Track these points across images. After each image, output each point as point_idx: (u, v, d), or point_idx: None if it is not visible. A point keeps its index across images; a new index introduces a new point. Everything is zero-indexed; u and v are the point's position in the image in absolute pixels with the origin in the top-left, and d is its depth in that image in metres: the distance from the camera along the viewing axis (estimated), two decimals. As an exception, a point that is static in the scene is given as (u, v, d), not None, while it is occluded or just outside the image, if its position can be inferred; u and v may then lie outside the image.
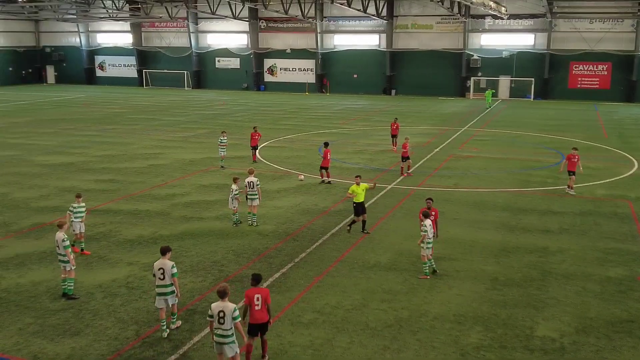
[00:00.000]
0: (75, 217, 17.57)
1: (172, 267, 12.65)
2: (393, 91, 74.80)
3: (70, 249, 14.58)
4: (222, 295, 10.75)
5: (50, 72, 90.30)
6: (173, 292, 12.73)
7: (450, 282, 15.77)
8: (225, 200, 22.17)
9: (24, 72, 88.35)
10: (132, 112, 54.87)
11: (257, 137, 31.84)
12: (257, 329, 11.41)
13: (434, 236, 16.29)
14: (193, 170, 29.55)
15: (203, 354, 12.08)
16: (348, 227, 19.98)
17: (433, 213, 16.58)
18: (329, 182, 26.73)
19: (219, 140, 30.10)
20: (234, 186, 20.52)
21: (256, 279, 11.55)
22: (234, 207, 20.53)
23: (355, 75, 76.13)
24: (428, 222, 15.75)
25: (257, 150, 32.63)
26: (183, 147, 36.39)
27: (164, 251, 12.92)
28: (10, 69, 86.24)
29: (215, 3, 68.50)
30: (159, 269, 12.65)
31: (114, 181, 27.12)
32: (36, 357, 11.93)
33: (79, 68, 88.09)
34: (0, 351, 12.16)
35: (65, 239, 14.44)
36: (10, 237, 19.27)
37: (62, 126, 44.96)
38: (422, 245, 15.87)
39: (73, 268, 14.66)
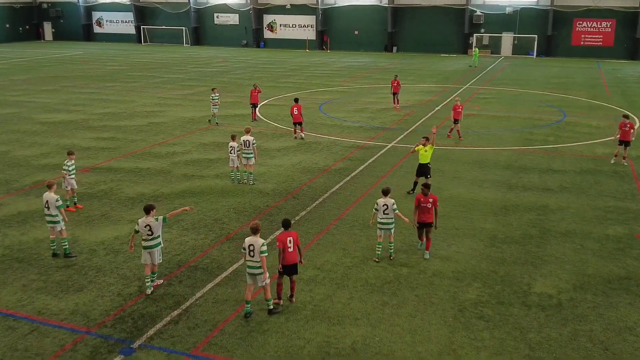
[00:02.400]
0: (70, 175, 17.70)
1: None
2: (394, 48, 73.96)
3: (64, 209, 14.63)
4: (254, 231, 11.73)
5: (48, 29, 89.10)
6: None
7: (449, 240, 15.89)
8: (226, 159, 22.21)
9: (20, 28, 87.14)
10: (131, 69, 54.37)
11: (256, 93, 31.50)
12: (289, 270, 12.22)
13: (424, 225, 14.72)
14: (193, 129, 29.45)
15: (205, 309, 12.24)
16: (411, 190, 19.41)
17: (431, 200, 14.55)
18: (302, 138, 26.48)
19: (211, 97, 30.12)
20: (232, 143, 20.47)
21: (286, 224, 12.27)
22: (234, 165, 20.56)
23: (356, 32, 75.17)
24: (381, 201, 14.30)
25: (257, 109, 32.42)
26: (183, 105, 36.19)
27: (147, 210, 12.81)
28: (7, 25, 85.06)
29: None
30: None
31: (115, 139, 27.06)
32: (40, 312, 12.11)
33: (77, 24, 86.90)
34: (4, 307, 12.32)
35: (59, 199, 14.41)
36: (12, 195, 19.34)
37: (62, 84, 44.61)
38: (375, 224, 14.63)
39: (64, 228, 14.65)
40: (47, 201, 14.34)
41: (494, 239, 16.05)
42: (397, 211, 14.30)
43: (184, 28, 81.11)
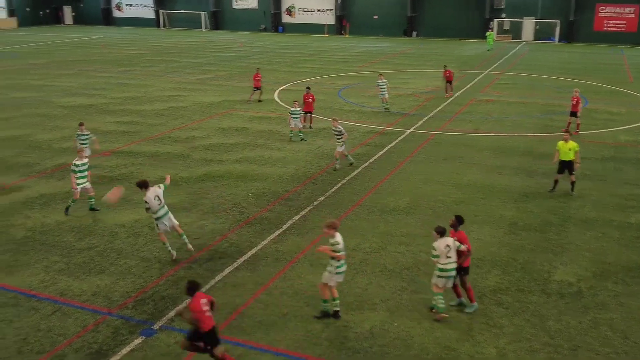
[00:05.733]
0: (84, 144, 19.01)
1: None
2: (414, 33, 73.35)
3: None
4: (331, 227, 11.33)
5: (68, 13, 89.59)
6: None
7: (468, 227, 15.72)
8: (245, 144, 22.36)
9: (41, 12, 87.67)
10: (150, 53, 54.56)
11: (259, 78, 31.99)
12: (211, 338, 9.56)
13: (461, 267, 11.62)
14: (212, 113, 29.54)
15: (224, 292, 12.34)
16: (552, 187, 18.46)
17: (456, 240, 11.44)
18: (310, 127, 26.21)
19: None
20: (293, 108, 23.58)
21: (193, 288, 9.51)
22: (294, 125, 23.56)
23: (375, 17, 74.63)
24: (442, 242, 11.27)
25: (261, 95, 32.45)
26: (202, 89, 36.28)
27: (146, 184, 13.49)
28: (28, 9, 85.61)
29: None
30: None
31: (134, 123, 27.24)
32: (62, 293, 12.29)
33: (96, 8, 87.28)
34: (27, 288, 12.53)
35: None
36: (34, 178, 19.58)
37: (82, 67, 44.92)
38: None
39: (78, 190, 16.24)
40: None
41: (513, 226, 15.97)
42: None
43: (202, 12, 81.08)
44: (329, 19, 76.59)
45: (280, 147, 23.35)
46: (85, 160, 16.39)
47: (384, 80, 29.30)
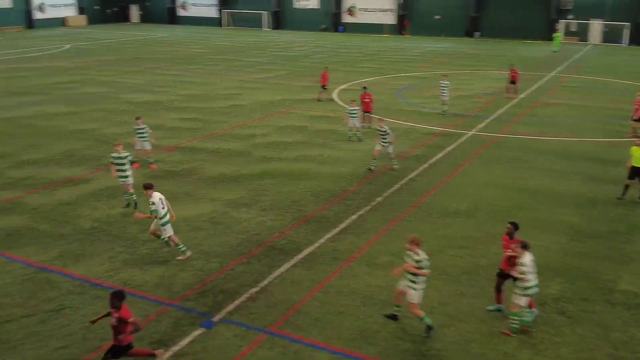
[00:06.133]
0: (141, 137, 20.23)
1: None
2: (477, 33, 72.08)
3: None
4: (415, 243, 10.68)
5: (135, 11, 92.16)
6: None
7: (530, 232, 15.40)
8: (304, 142, 22.53)
9: (108, 10, 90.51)
10: (212, 52, 55.59)
11: (327, 77, 32.55)
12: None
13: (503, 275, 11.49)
14: (272, 112, 29.85)
15: (282, 289, 12.48)
16: (622, 194, 17.75)
17: (512, 247, 11.16)
18: (369, 127, 25.88)
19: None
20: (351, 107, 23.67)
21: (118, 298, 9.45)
22: (352, 124, 23.68)
23: (437, 17, 73.73)
24: (528, 257, 10.68)
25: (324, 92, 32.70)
26: (262, 88, 36.71)
27: (152, 185, 13.72)
28: (96, 7, 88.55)
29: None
30: None
31: (197, 120, 27.83)
32: (126, 283, 12.68)
33: (162, 7, 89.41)
34: (93, 277, 12.99)
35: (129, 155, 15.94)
36: (101, 171, 20.25)
37: (148, 65, 46.18)
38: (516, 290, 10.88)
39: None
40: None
41: (578, 233, 15.50)
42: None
43: (263, 12, 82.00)
44: (390, 18, 76.15)
45: (338, 146, 23.39)
46: (124, 153, 16.65)
47: (447, 82, 28.93)
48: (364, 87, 26.97)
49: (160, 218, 13.48)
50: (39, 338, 10.75)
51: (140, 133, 20.41)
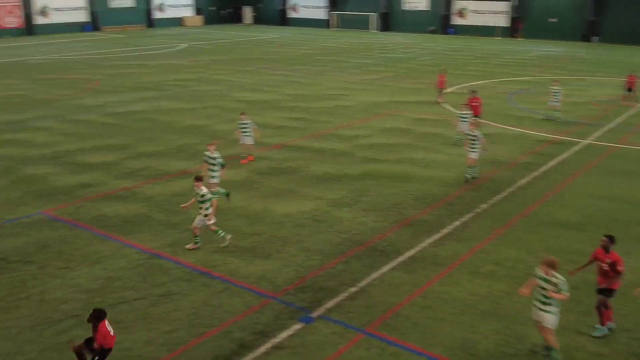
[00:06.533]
0: (244, 132, 21.00)
1: None
2: (595, 38, 68.43)
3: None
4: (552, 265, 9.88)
5: (248, 12, 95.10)
6: None
7: (648, 249, 14.50)
8: (407, 145, 22.34)
9: (223, 11, 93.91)
10: (320, 53, 56.35)
11: (444, 79, 32.09)
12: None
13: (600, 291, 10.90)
14: (376, 113, 29.83)
15: (381, 290, 12.43)
16: None
17: (608, 262, 10.71)
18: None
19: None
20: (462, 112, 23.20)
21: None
22: (461, 129, 22.43)
23: (553, 20, 70.71)
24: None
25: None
26: (367, 89, 36.78)
27: (200, 179, 14.16)
28: (212, 8, 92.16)
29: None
30: None
31: (303, 119, 28.32)
32: (231, 274, 13.12)
33: (274, 9, 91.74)
34: (200, 265, 13.53)
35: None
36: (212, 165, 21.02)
37: (258, 65, 47.54)
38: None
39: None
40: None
41: (702, 253, 14.35)
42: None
43: (371, 14, 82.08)
44: (502, 21, 73.95)
45: (443, 150, 23.01)
46: (215, 154, 17.01)
47: (558, 88, 27.73)
48: (473, 91, 26.35)
49: (207, 208, 14.05)
50: (149, 321, 11.34)
51: (243, 128, 21.13)
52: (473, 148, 19.23)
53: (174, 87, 36.92)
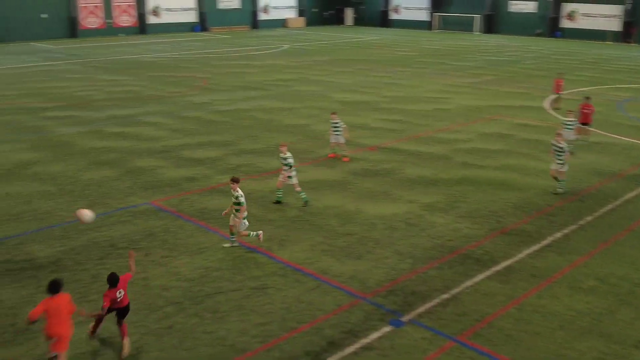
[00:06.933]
0: (335, 131, 21.53)
1: None
2: None
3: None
4: None
5: (349, 14, 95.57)
6: None
7: None
8: (508, 151, 21.64)
9: (325, 13, 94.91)
10: (420, 55, 55.72)
11: (560, 84, 31.13)
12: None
13: None
14: (477, 117, 29.15)
15: (474, 299, 12.16)
16: None
17: None
18: (585, 141, 23.79)
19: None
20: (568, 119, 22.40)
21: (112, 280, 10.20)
22: (567, 137, 21.03)
23: (671, 24, 66.25)
24: None
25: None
26: (469, 92, 35.99)
27: (237, 180, 14.18)
28: (315, 10, 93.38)
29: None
30: None
31: (401, 122, 28.14)
32: (324, 272, 13.27)
33: (375, 10, 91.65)
34: (295, 262, 13.79)
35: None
36: (309, 164, 21.40)
37: (357, 66, 47.69)
38: None
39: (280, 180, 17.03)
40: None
41: None
42: None
43: (475, 15, 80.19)
44: (615, 25, 70.04)
45: (546, 157, 22.06)
46: (287, 154, 17.05)
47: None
48: (587, 97, 24.97)
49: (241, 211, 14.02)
50: (243, 312, 11.69)
51: (335, 127, 21.54)
52: (559, 161, 18.16)
53: (276, 87, 37.76)
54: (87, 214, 13.48)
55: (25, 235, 15.28)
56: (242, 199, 14.05)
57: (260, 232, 14.70)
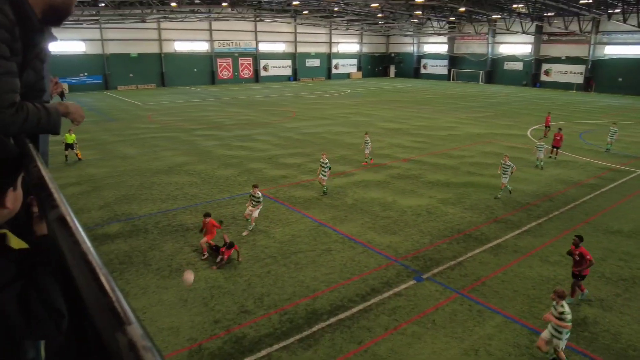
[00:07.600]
0: (366, 146, 21.25)
1: None
2: (658, 92, 58.36)
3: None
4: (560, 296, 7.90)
5: (392, 69, 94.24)
6: None
7: (694, 259, 12.21)
8: (498, 164, 20.91)
9: (376, 69, 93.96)
10: (440, 98, 54.26)
11: (549, 119, 29.79)
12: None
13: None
14: (478, 141, 28.13)
15: (472, 265, 11.78)
16: None
17: (577, 253, 9.87)
18: (555, 158, 22.72)
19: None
20: (539, 143, 21.26)
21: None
22: (538, 156, 20.94)
23: (619, 79, 61.63)
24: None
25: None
26: (473, 124, 34.76)
27: (256, 186, 13.74)
28: (369, 66, 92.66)
29: (510, 22, 62.07)
30: None
31: (424, 142, 27.52)
32: (369, 242, 13.21)
33: (410, 67, 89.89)
34: (350, 234, 13.77)
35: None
36: (360, 170, 21.29)
37: (395, 105, 46.93)
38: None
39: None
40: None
41: None
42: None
43: (480, 71, 77.38)
44: (578, 78, 65.89)
45: (527, 170, 21.15)
46: (326, 160, 16.74)
47: (615, 128, 24.82)
48: (559, 129, 23.94)
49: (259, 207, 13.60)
50: (315, 265, 11.80)
51: (366, 142, 21.63)
52: (504, 175, 16.93)
53: (340, 118, 37.71)
54: (188, 279, 8.26)
55: (179, 210, 15.99)
56: (261, 199, 13.77)
57: (251, 227, 13.81)
